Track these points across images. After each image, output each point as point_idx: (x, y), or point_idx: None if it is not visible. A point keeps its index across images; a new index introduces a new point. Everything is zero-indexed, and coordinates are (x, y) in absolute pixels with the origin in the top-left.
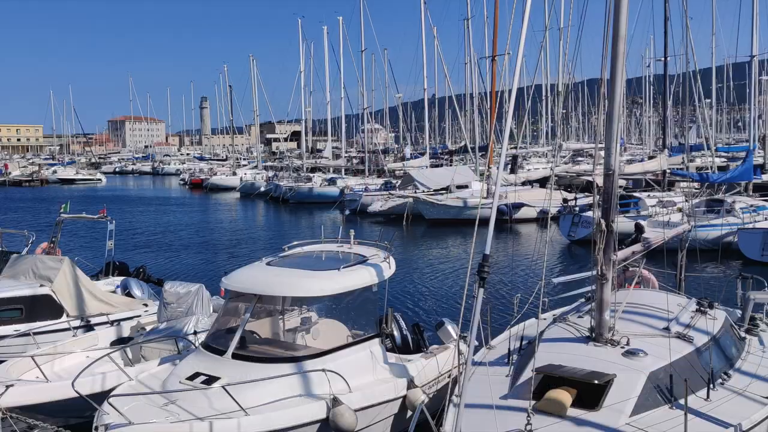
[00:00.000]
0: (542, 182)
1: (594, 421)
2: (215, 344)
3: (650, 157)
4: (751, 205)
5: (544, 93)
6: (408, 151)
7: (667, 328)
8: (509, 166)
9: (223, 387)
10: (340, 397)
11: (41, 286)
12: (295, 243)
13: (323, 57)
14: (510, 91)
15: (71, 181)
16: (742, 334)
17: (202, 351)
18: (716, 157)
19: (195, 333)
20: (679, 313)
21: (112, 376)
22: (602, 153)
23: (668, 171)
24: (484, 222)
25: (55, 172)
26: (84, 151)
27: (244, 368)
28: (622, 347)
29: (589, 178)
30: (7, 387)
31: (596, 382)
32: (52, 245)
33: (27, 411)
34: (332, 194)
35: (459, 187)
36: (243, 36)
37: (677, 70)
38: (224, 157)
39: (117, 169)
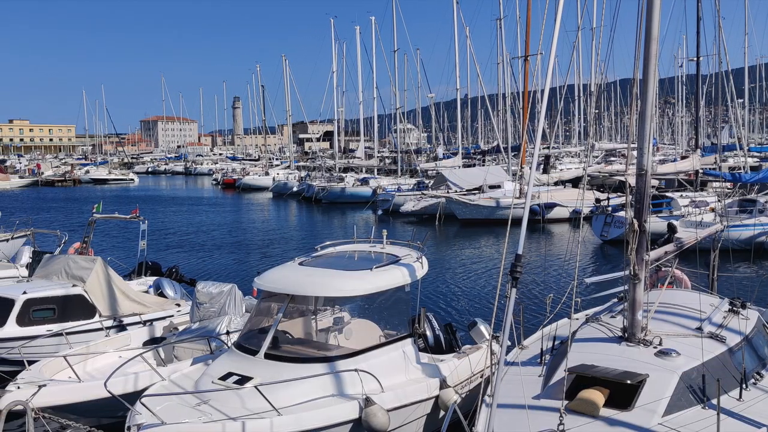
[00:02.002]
0: (575, 182)
1: (627, 421)
2: (248, 344)
3: (683, 157)
4: None
5: (576, 93)
6: (440, 151)
7: (699, 328)
8: (542, 166)
9: (255, 387)
10: (372, 397)
11: (74, 286)
12: (328, 243)
13: (356, 57)
14: (542, 91)
15: (104, 181)
16: None
17: (235, 351)
18: (749, 157)
19: (227, 333)
20: (711, 313)
21: (144, 376)
22: (635, 153)
23: (701, 171)
24: (517, 222)
25: (87, 172)
26: (116, 151)
27: (276, 368)
28: (655, 347)
29: (622, 178)
30: (40, 387)
31: (629, 382)
32: (84, 245)
33: (59, 411)
34: (365, 194)
35: (491, 187)
36: (275, 36)
37: (710, 70)
38: (257, 157)
39: (149, 169)
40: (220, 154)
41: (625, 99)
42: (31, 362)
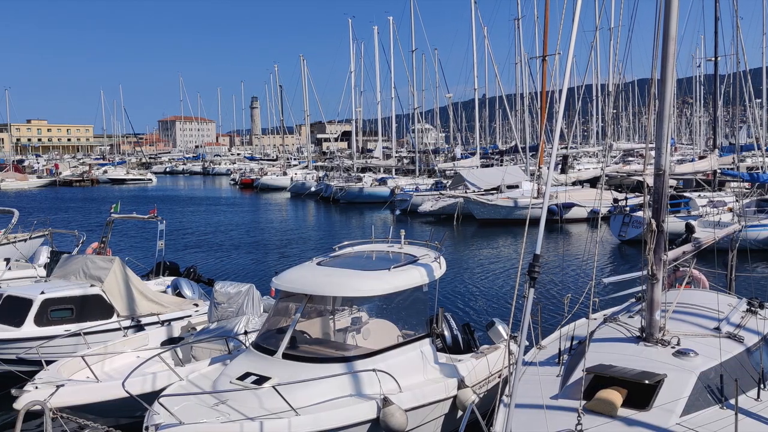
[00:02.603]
0: (593, 182)
1: (644, 421)
2: (266, 344)
3: (701, 157)
4: None
5: (594, 93)
6: (458, 151)
7: (717, 328)
8: (560, 166)
9: (273, 387)
10: (390, 397)
11: (92, 286)
12: (346, 243)
13: (374, 57)
14: (560, 91)
15: (122, 181)
16: None
17: (253, 351)
18: (767, 157)
19: (245, 333)
20: (729, 313)
21: (162, 376)
22: (653, 153)
23: (719, 171)
24: (535, 222)
25: (105, 172)
26: (134, 151)
27: (294, 368)
28: (673, 347)
29: (640, 178)
30: (58, 387)
31: (647, 382)
32: (102, 245)
33: (77, 411)
34: (383, 194)
35: (509, 187)
36: (293, 36)
37: (728, 70)
38: (275, 157)
39: (167, 169)
40: (238, 154)
41: (643, 99)
42: (49, 362)
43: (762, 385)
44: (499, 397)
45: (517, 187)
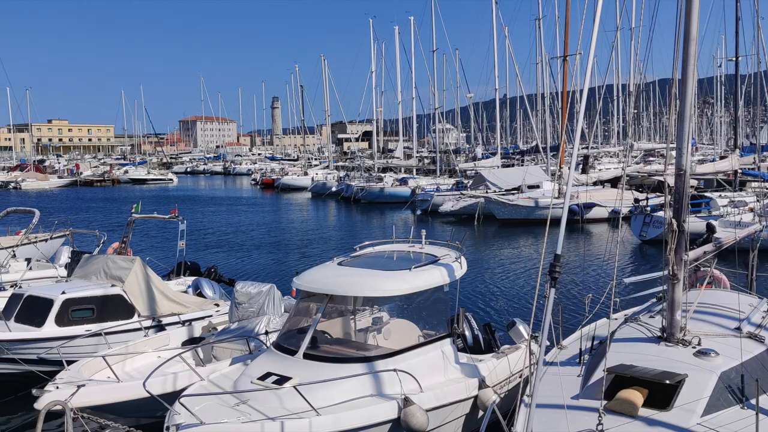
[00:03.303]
0: (613, 182)
1: (665, 421)
2: (287, 344)
3: (721, 157)
4: None
5: (615, 93)
6: (479, 151)
7: (738, 328)
8: (580, 166)
9: (294, 387)
10: (411, 397)
11: (113, 286)
12: (367, 243)
13: (394, 57)
14: (581, 91)
15: (142, 181)
16: None
17: (274, 351)
18: None
19: (266, 333)
20: (750, 313)
21: (183, 376)
22: (674, 153)
23: (739, 171)
24: (556, 222)
25: (126, 172)
26: (155, 151)
27: (315, 368)
28: (694, 347)
29: (661, 178)
30: (79, 387)
31: (668, 382)
32: (123, 245)
33: (98, 411)
34: (403, 194)
35: (530, 187)
36: (314, 36)
37: (749, 70)
38: (295, 157)
39: (188, 169)
40: (259, 154)
41: (664, 99)
42: (69, 362)
43: None
44: (520, 397)
45: (538, 187)
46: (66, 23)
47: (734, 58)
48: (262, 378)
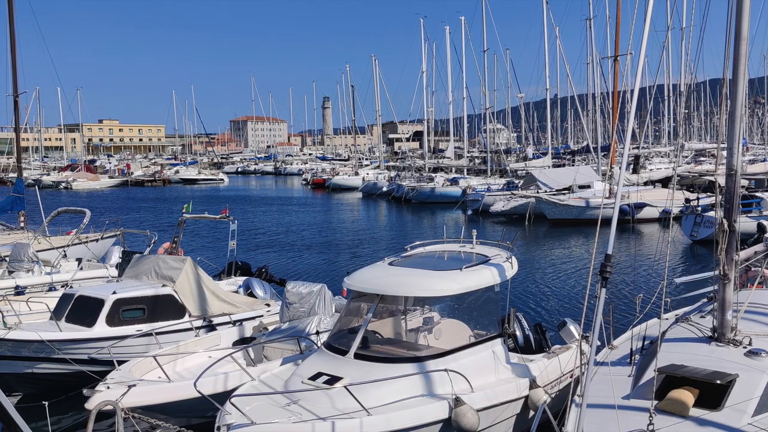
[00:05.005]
0: (664, 182)
1: (716, 421)
2: (337, 344)
3: None
4: None
5: (666, 93)
6: (530, 151)
7: None
8: (631, 166)
9: (345, 387)
10: (462, 397)
11: (163, 286)
12: (418, 243)
13: (445, 57)
14: (632, 91)
15: (193, 181)
16: None
17: (325, 351)
18: None
19: (317, 333)
20: None
21: (234, 376)
22: (724, 153)
23: None
24: (607, 222)
25: (177, 172)
26: (206, 151)
27: (366, 368)
28: (745, 347)
29: (712, 178)
30: (130, 387)
31: (718, 382)
32: (174, 245)
33: (149, 411)
34: (454, 194)
35: (581, 187)
36: (365, 36)
37: None
38: (346, 157)
39: (239, 169)
40: (310, 154)
41: (714, 99)
42: (120, 362)
43: None
44: (571, 397)
45: (588, 187)
46: (117, 23)
47: None
48: (313, 378)
